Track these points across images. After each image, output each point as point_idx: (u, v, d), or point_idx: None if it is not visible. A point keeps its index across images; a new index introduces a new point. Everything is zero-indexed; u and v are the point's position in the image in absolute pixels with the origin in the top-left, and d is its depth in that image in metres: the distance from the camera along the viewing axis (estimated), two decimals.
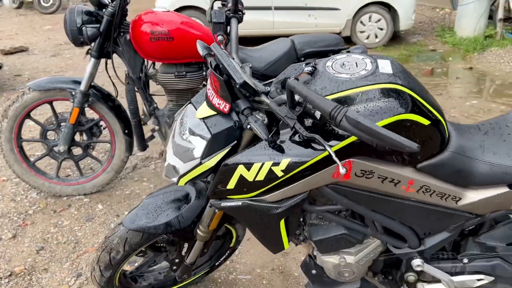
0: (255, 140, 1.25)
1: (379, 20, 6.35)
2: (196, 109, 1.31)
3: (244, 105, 1.16)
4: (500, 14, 6.12)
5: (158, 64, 2.57)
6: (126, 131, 2.64)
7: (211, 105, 1.25)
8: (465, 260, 1.46)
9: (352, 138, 1.13)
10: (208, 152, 1.26)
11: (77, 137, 2.66)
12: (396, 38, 6.76)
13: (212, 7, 1.37)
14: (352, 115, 0.89)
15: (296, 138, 1.19)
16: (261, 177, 1.21)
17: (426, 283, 1.52)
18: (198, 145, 1.27)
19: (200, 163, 1.27)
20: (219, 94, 1.21)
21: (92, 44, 2.41)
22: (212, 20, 1.35)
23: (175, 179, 1.37)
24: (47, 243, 2.32)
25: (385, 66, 1.20)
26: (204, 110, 1.27)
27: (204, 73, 2.55)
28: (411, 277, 1.49)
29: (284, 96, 1.15)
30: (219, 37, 1.36)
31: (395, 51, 6.29)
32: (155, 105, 2.62)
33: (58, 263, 2.17)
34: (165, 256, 1.77)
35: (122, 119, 2.63)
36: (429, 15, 8.54)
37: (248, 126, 1.16)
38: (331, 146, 1.08)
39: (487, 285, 1.48)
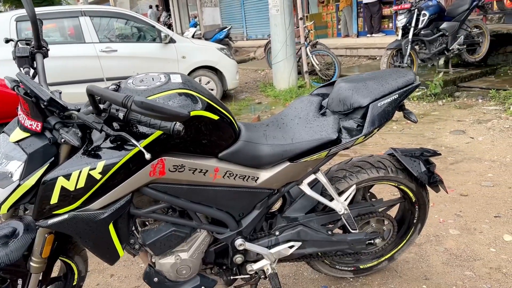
0: (72, 154, 1.38)
1: (208, 82, 6.99)
2: (9, 136, 1.39)
3: (55, 120, 1.30)
4: (305, 68, 7.35)
5: None
6: None
7: (24, 128, 1.35)
8: (277, 233, 1.76)
9: (156, 134, 1.35)
10: (26, 172, 1.33)
11: None
12: (227, 96, 7.51)
13: (16, 46, 1.50)
14: (137, 98, 1.11)
15: (107, 143, 1.35)
16: (81, 183, 1.33)
17: (252, 263, 1.76)
18: (16, 168, 1.34)
19: (19, 185, 1.34)
20: (30, 116, 1.33)
21: None
22: (17, 55, 1.49)
23: None
24: None
25: (176, 78, 1.48)
26: (18, 134, 1.36)
27: None
28: (238, 258, 1.71)
29: (90, 108, 1.32)
30: (25, 69, 1.49)
31: (227, 106, 6.94)
32: None
33: None
34: None
35: None
36: (252, 76, 9.69)
37: (62, 140, 1.30)
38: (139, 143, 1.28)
39: (298, 251, 1.79)
